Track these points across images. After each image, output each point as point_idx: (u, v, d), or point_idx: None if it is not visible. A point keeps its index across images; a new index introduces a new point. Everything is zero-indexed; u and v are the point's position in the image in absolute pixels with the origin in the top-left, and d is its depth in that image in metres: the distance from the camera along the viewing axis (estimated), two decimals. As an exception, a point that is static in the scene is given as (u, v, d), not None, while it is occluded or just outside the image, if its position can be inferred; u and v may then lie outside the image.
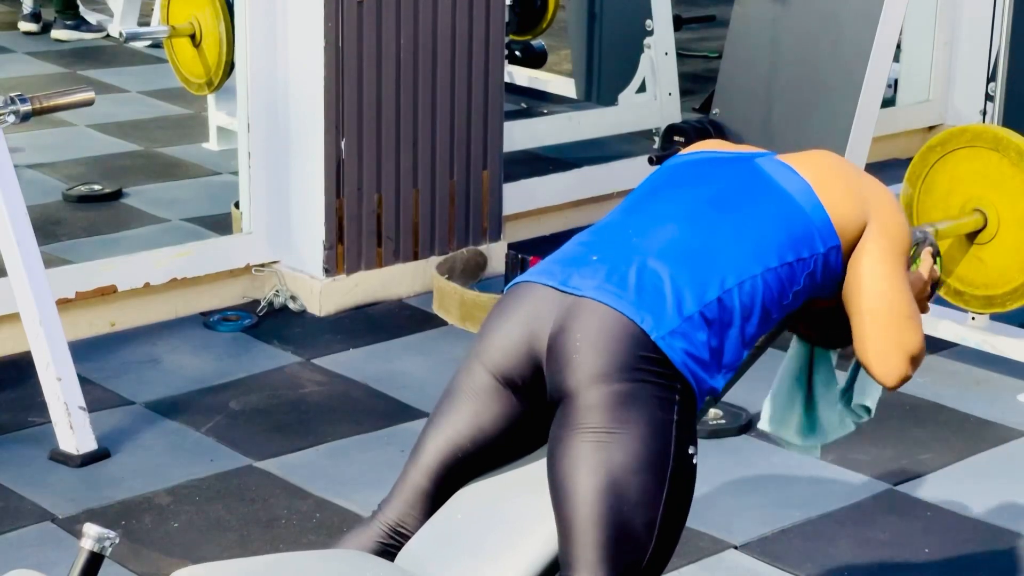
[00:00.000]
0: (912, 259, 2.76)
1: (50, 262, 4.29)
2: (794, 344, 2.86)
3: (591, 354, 2.35)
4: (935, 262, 2.79)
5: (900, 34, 5.16)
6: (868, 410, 2.83)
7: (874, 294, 2.58)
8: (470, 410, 2.48)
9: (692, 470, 2.39)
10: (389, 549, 2.51)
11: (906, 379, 2.62)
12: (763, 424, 2.88)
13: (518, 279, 2.52)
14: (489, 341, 2.47)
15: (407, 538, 2.50)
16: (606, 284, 2.40)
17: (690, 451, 2.37)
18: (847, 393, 2.83)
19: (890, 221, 2.60)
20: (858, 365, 2.77)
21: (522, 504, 2.46)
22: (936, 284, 2.80)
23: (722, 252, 2.46)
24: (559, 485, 2.34)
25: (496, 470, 2.53)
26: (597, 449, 2.32)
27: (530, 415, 2.47)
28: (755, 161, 2.62)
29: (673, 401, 2.36)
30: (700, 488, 3.79)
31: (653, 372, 2.35)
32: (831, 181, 2.57)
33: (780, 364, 2.84)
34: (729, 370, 2.47)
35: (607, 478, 2.30)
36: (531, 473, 2.48)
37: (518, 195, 5.35)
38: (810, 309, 2.67)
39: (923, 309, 2.78)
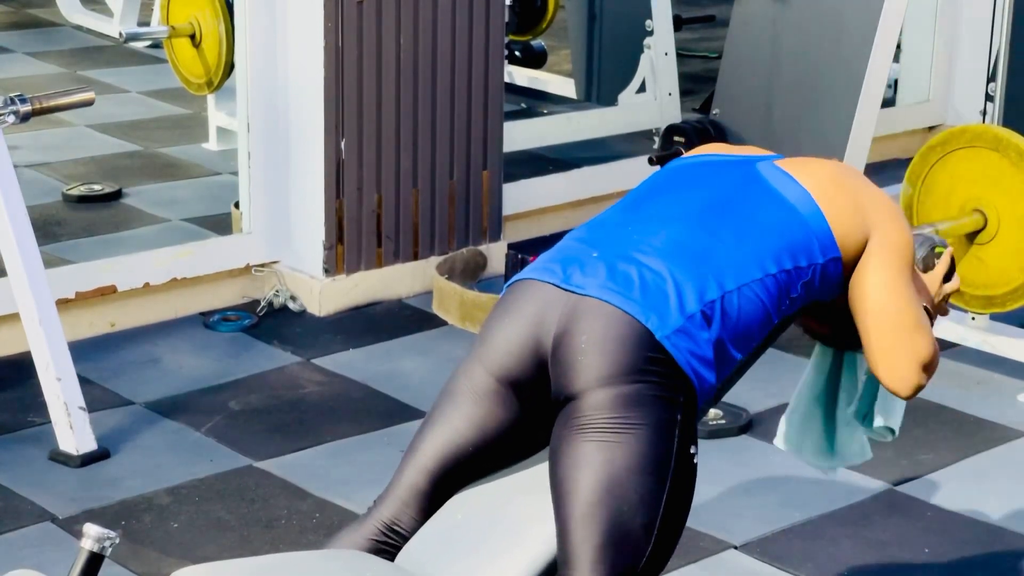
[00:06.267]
0: (928, 263, 2.76)
1: (50, 262, 4.29)
2: (816, 355, 2.83)
3: (597, 356, 2.34)
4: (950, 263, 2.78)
5: (900, 34, 5.15)
6: (892, 431, 2.79)
7: (879, 307, 2.56)
8: (470, 412, 2.47)
9: (693, 470, 2.39)
10: (383, 547, 2.50)
11: (920, 388, 2.59)
12: (778, 442, 2.86)
13: (517, 277, 2.50)
14: (491, 342, 2.45)
15: (401, 536, 2.50)
16: (609, 282, 2.39)
17: (691, 451, 2.37)
18: (868, 415, 2.80)
19: (892, 231, 2.58)
20: (876, 383, 2.74)
21: (523, 505, 2.46)
22: (951, 272, 2.78)
23: (721, 255, 2.45)
24: (560, 483, 2.34)
25: (496, 473, 2.53)
26: (600, 449, 2.31)
27: (531, 417, 2.46)
28: (756, 167, 2.61)
29: (677, 402, 2.36)
30: (700, 488, 3.79)
31: (658, 372, 2.34)
32: (832, 193, 2.56)
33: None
34: (728, 369, 2.46)
35: (608, 479, 2.30)
36: (532, 475, 2.48)
37: (518, 195, 5.35)
38: (820, 305, 2.65)
39: (942, 312, 2.78)
